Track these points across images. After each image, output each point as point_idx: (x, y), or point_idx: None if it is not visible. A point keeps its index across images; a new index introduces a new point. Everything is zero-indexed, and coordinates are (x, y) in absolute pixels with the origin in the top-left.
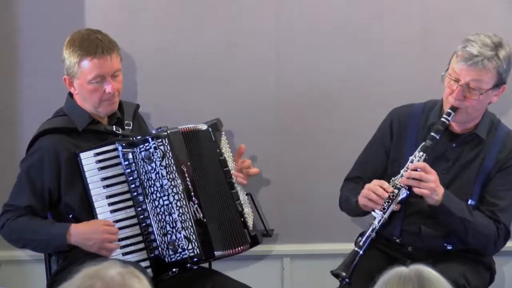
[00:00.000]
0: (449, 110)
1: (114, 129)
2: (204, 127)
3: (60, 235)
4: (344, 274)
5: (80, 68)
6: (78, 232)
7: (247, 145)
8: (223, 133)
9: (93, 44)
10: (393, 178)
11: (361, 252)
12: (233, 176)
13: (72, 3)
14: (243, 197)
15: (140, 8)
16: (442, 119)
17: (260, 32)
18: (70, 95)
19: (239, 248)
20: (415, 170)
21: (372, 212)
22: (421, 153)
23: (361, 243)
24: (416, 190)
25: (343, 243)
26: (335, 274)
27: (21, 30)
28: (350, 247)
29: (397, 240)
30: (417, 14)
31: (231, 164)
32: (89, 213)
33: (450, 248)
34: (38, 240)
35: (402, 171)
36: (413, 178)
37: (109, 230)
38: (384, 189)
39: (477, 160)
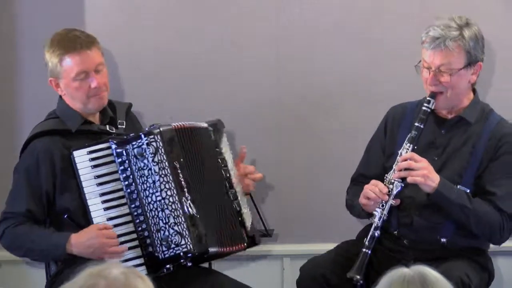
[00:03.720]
0: (428, 98)
1: (108, 128)
2: (204, 125)
3: (59, 246)
4: (358, 276)
5: (63, 67)
6: (79, 242)
7: (247, 145)
8: (225, 134)
9: (71, 41)
10: (386, 175)
11: (369, 252)
12: (238, 182)
13: (72, 3)
14: (242, 198)
15: (140, 8)
16: (423, 107)
17: (260, 32)
18: (61, 97)
19: (236, 247)
20: (405, 161)
21: (374, 212)
22: (408, 144)
23: (367, 243)
24: (409, 179)
25: None
26: (350, 278)
27: (21, 30)
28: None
29: (394, 232)
30: (417, 14)
31: (231, 165)
32: (85, 213)
33: (444, 241)
34: (38, 249)
35: (394, 166)
36: (405, 169)
37: (106, 234)
38: (380, 190)
39: (467, 146)
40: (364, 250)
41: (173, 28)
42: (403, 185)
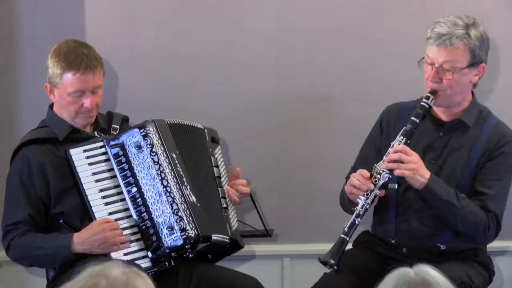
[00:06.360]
0: (428, 94)
1: (96, 134)
2: (201, 126)
3: (64, 247)
4: (332, 261)
5: (62, 80)
6: (83, 239)
7: (247, 145)
8: (219, 146)
9: (77, 59)
10: (375, 165)
11: (347, 239)
12: (228, 188)
13: (72, 3)
14: (230, 205)
15: (140, 8)
16: (422, 103)
17: (260, 32)
18: (51, 107)
19: (223, 236)
20: (396, 153)
21: (358, 199)
22: (402, 137)
23: (346, 229)
24: (396, 172)
25: None
26: (323, 262)
27: (21, 30)
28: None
29: (392, 241)
30: (417, 14)
31: (223, 170)
32: (82, 215)
33: (443, 248)
34: (44, 255)
35: (384, 156)
36: (394, 161)
37: (110, 226)
38: (362, 175)
39: (465, 149)
40: (342, 236)
41: (173, 28)
42: (390, 176)
